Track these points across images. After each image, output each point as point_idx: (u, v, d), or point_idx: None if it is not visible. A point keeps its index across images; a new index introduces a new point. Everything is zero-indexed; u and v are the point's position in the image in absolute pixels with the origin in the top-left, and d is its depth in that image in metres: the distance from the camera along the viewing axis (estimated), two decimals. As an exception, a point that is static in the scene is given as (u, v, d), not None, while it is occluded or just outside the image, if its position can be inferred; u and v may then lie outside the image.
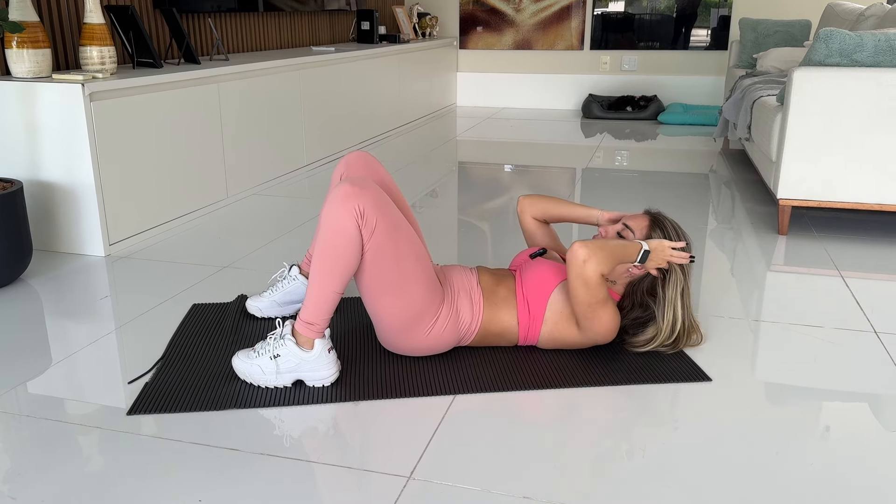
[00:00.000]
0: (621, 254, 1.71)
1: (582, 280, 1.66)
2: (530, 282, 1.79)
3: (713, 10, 5.79)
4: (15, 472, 1.37)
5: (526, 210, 2.05)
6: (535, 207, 2.03)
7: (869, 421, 1.55)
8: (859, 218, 3.06)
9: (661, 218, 1.85)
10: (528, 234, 2.07)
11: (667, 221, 1.84)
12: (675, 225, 1.84)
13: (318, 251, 1.60)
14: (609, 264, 1.67)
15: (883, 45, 2.58)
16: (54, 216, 2.56)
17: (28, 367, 1.78)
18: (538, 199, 2.03)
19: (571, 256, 1.66)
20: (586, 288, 1.66)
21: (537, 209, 2.03)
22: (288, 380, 1.66)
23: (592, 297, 1.68)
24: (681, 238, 1.82)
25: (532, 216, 2.04)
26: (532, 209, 2.04)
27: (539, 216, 2.04)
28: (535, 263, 1.84)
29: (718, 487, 1.33)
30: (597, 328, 1.73)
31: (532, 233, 2.06)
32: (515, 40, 6.21)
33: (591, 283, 1.66)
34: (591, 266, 1.64)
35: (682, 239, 1.82)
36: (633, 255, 1.73)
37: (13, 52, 2.47)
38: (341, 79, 4.23)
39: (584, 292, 1.67)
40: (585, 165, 4.04)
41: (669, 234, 1.81)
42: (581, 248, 1.65)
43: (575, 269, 1.66)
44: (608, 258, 1.67)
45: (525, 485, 1.34)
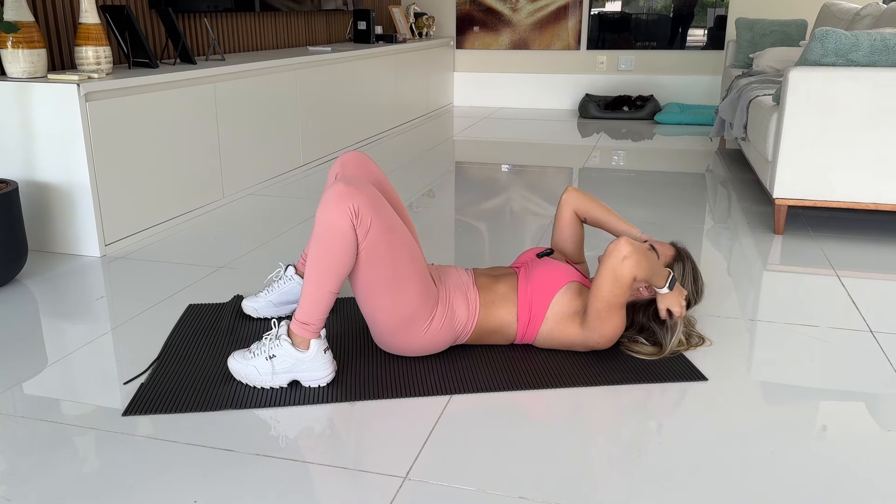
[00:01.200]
0: (656, 270, 1.73)
1: (614, 275, 1.66)
2: (537, 280, 1.79)
3: (710, 9, 5.79)
4: (10, 472, 1.37)
5: (570, 201, 2.02)
6: (580, 202, 2.01)
7: (865, 420, 1.55)
8: (855, 217, 3.07)
9: (687, 255, 1.89)
10: (560, 225, 2.04)
11: (689, 262, 1.88)
12: (696, 267, 1.88)
13: (313, 251, 1.60)
14: (644, 272, 1.69)
15: (878, 44, 2.58)
16: (50, 216, 2.55)
17: (23, 367, 1.77)
18: (585, 196, 2.02)
19: (614, 249, 1.67)
20: (615, 284, 1.67)
21: (582, 204, 2.01)
22: (284, 380, 1.65)
23: (616, 295, 1.69)
24: (698, 281, 1.87)
25: (574, 209, 2.02)
26: (577, 203, 2.02)
27: (581, 212, 2.02)
28: (543, 262, 1.84)
29: (715, 487, 1.33)
30: (603, 330, 1.73)
31: (565, 225, 2.03)
32: (512, 40, 6.21)
33: (622, 281, 1.67)
34: (629, 264, 1.65)
35: (700, 281, 1.87)
36: (662, 279, 1.75)
37: (8, 52, 2.46)
38: (338, 79, 4.22)
39: (610, 288, 1.68)
40: (582, 165, 4.04)
41: (688, 272, 1.86)
42: (626, 244, 1.66)
43: (612, 262, 1.66)
44: (646, 266, 1.68)
45: (521, 485, 1.34)
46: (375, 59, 4.72)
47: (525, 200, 3.32)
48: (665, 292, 1.76)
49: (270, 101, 3.55)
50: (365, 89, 4.60)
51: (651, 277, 1.72)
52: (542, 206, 3.23)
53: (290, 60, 3.70)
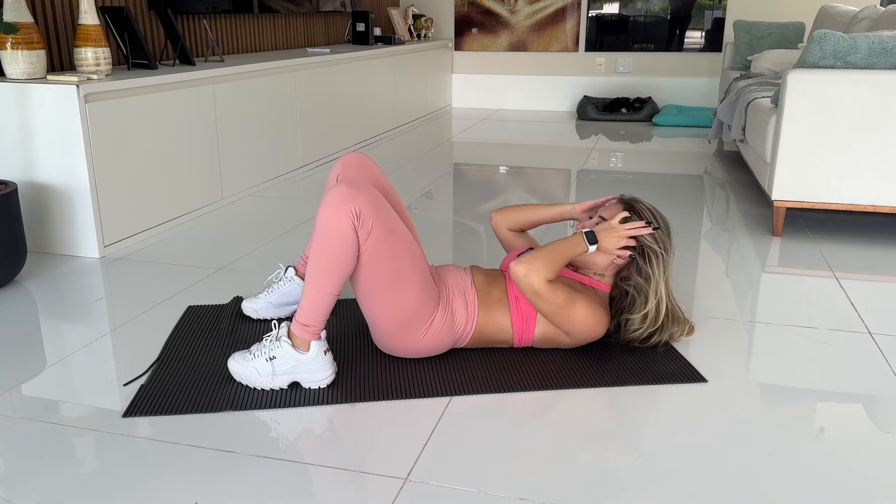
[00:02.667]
0: (565, 251, 1.71)
1: (533, 294, 1.67)
2: None
3: (707, 12, 5.80)
4: (10, 474, 1.37)
5: (500, 224, 2.06)
6: (507, 220, 2.05)
7: (863, 422, 1.56)
8: (853, 219, 3.08)
9: (636, 202, 1.83)
10: (506, 245, 2.10)
11: (641, 205, 1.82)
12: (651, 209, 1.82)
13: (314, 253, 1.60)
14: (552, 267, 1.68)
15: (876, 47, 2.59)
16: (49, 218, 2.55)
17: (23, 369, 1.77)
18: (509, 211, 2.05)
19: (513, 277, 1.68)
20: (540, 299, 1.68)
21: (510, 221, 2.05)
22: (284, 382, 1.65)
23: (551, 304, 1.69)
24: (656, 215, 1.80)
25: (507, 228, 2.06)
26: (505, 222, 2.05)
27: (514, 227, 2.05)
28: None
29: (713, 488, 1.33)
30: (577, 327, 1.73)
31: (510, 243, 2.09)
32: (510, 42, 6.22)
33: (542, 293, 1.67)
34: (533, 277, 1.66)
35: (658, 213, 1.81)
36: (580, 245, 1.72)
37: (7, 53, 2.46)
38: (337, 80, 4.22)
39: (542, 303, 1.69)
40: (580, 167, 4.05)
41: (645, 216, 1.80)
42: (516, 265, 1.67)
43: (522, 287, 1.68)
44: (549, 262, 1.67)
45: (522, 486, 1.34)
46: (374, 61, 4.73)
47: (523, 202, 3.32)
48: (594, 249, 1.74)
49: (269, 103, 3.56)
50: (364, 91, 4.60)
51: (568, 257, 1.70)
52: (541, 207, 3.23)
53: (289, 62, 3.70)
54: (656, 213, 1.82)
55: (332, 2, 4.95)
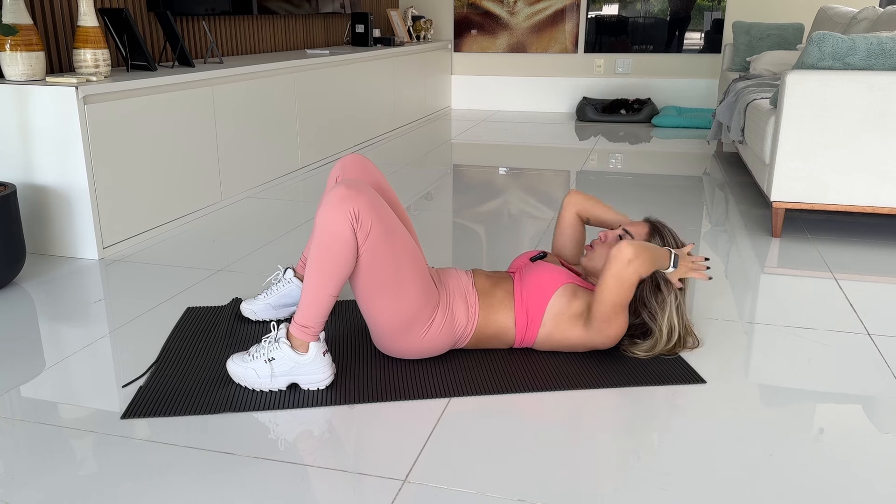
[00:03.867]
0: (658, 259, 1.73)
1: (619, 279, 1.67)
2: (531, 284, 1.79)
3: (706, 13, 5.81)
4: (8, 476, 1.37)
5: (573, 203, 2.04)
6: (582, 205, 2.03)
7: (862, 423, 1.56)
8: (852, 220, 3.08)
9: (661, 225, 1.88)
10: (562, 227, 2.06)
11: (666, 229, 1.87)
12: (673, 233, 1.87)
13: (313, 254, 1.60)
14: (648, 268, 1.70)
15: (875, 48, 2.59)
16: (48, 219, 2.55)
17: (21, 370, 1.77)
18: (587, 198, 2.04)
19: (617, 253, 1.67)
20: (620, 288, 1.68)
21: (584, 207, 2.03)
22: (283, 383, 1.65)
23: (621, 297, 1.69)
24: (678, 242, 1.86)
25: (577, 211, 2.04)
26: (579, 205, 2.04)
27: (583, 214, 2.04)
28: (537, 266, 1.84)
29: (713, 489, 1.33)
30: (608, 331, 1.74)
31: (567, 227, 2.05)
32: (510, 43, 6.22)
33: (627, 285, 1.68)
34: (633, 267, 1.66)
35: (679, 240, 1.86)
36: (666, 261, 1.75)
37: (6, 54, 2.46)
38: (336, 82, 4.23)
39: (615, 292, 1.68)
40: (580, 168, 4.05)
41: (669, 241, 1.85)
42: (628, 247, 1.66)
43: (616, 267, 1.66)
44: (649, 262, 1.69)
45: (521, 487, 1.34)
46: (373, 63, 4.73)
47: (523, 203, 3.33)
48: (672, 271, 1.77)
49: (268, 104, 3.56)
50: (363, 92, 4.60)
51: (658, 266, 1.73)
52: (540, 208, 3.23)
53: (288, 63, 3.70)
54: (678, 239, 1.87)
55: (332, 3, 4.95)
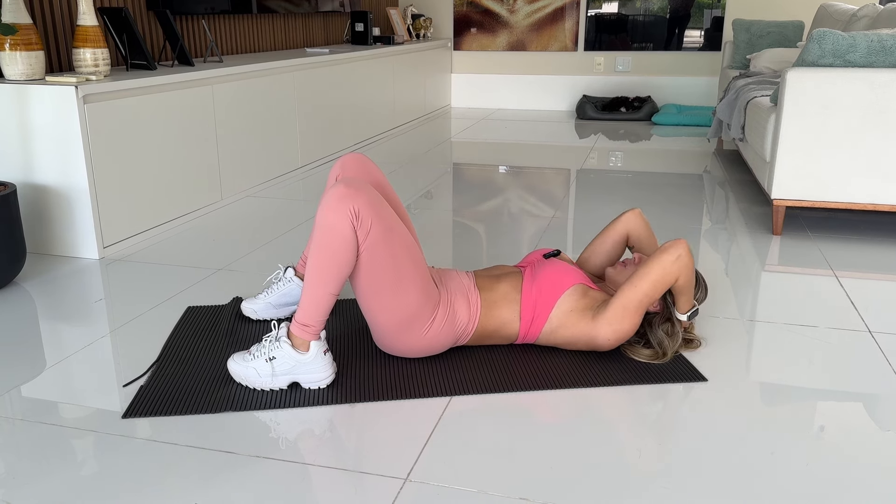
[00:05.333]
0: (686, 292, 1.77)
1: (663, 270, 1.70)
2: (544, 280, 1.79)
3: (706, 11, 5.80)
4: (9, 475, 1.37)
5: (630, 222, 2.00)
6: (639, 230, 1.99)
7: (864, 421, 1.56)
8: (853, 218, 3.08)
9: (699, 275, 1.89)
10: (607, 237, 2.01)
11: (701, 281, 1.88)
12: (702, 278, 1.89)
13: (314, 253, 1.59)
14: (686, 282, 1.74)
15: (875, 45, 2.59)
16: (48, 219, 2.55)
17: (22, 370, 1.77)
18: (645, 223, 2.00)
19: (671, 246, 1.71)
20: (657, 279, 1.70)
21: (638, 230, 1.99)
22: (283, 382, 1.65)
23: (654, 290, 1.71)
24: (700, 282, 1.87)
25: (630, 232, 2.00)
26: (636, 229, 1.99)
27: (633, 235, 1.99)
28: (550, 263, 1.84)
29: (714, 487, 1.33)
30: (620, 325, 1.74)
31: (612, 242, 2.01)
32: (509, 41, 6.22)
33: (666, 279, 1.70)
34: (678, 265, 1.70)
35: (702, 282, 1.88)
36: (688, 305, 1.80)
37: (6, 54, 2.46)
38: (336, 80, 4.22)
39: (652, 281, 1.70)
40: (580, 166, 4.05)
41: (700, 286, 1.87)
42: (685, 246, 1.71)
43: (667, 257, 1.70)
44: (688, 279, 1.74)
45: (522, 486, 1.34)
46: (373, 61, 4.72)
47: (523, 202, 3.32)
48: (683, 319, 1.81)
49: (268, 103, 3.55)
50: (363, 91, 4.60)
51: (684, 294, 1.77)
52: (540, 207, 3.23)
53: (288, 62, 3.70)
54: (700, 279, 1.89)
55: (331, 2, 4.95)
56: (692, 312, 1.81)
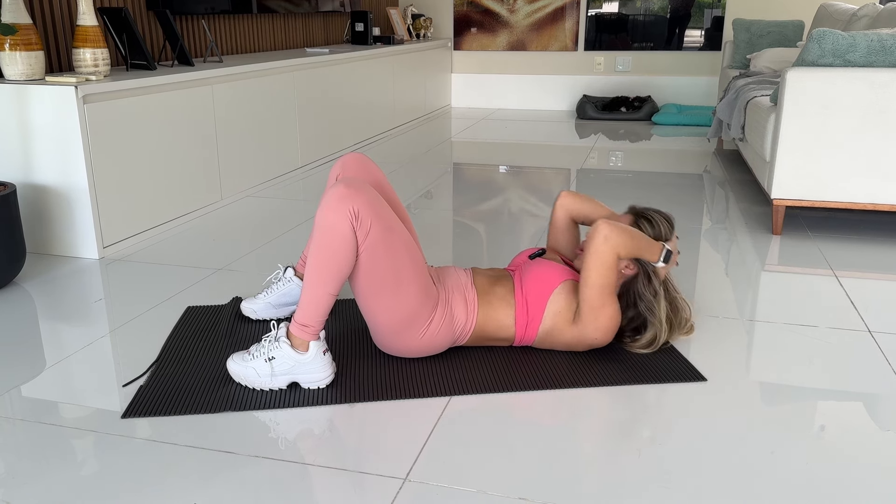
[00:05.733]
0: (643, 246, 1.75)
1: (599, 258, 1.69)
2: (531, 282, 1.79)
3: (707, 10, 5.80)
4: (9, 475, 1.37)
5: (565, 205, 2.02)
6: (575, 206, 2.02)
7: (864, 420, 1.56)
8: (853, 217, 3.07)
9: (647, 213, 1.87)
10: (555, 228, 2.04)
11: (653, 215, 1.86)
12: (663, 216, 1.86)
13: (313, 253, 1.59)
14: (627, 249, 1.71)
15: (875, 45, 2.59)
16: (48, 219, 2.55)
17: (22, 370, 1.77)
18: (580, 199, 2.02)
19: (593, 232, 1.70)
20: (599, 266, 1.69)
21: (576, 208, 2.01)
22: (283, 382, 1.65)
23: (605, 278, 1.70)
24: (673, 227, 1.86)
25: (569, 213, 2.02)
26: (572, 206, 2.02)
27: (575, 215, 2.02)
28: (535, 264, 1.84)
29: (714, 487, 1.33)
30: (599, 321, 1.73)
31: (560, 228, 2.04)
32: (510, 41, 6.22)
33: (606, 262, 1.69)
34: (610, 244, 1.68)
35: (672, 225, 1.86)
36: (655, 254, 1.77)
37: (6, 54, 2.46)
38: (336, 80, 4.22)
39: (595, 272, 1.69)
40: (580, 166, 4.05)
41: (660, 226, 1.84)
42: (605, 225, 1.69)
43: (594, 245, 1.69)
44: (629, 243, 1.71)
45: (521, 486, 1.34)
46: (373, 61, 4.72)
47: (523, 201, 3.32)
48: (661, 266, 1.78)
49: (268, 103, 3.55)
50: (363, 91, 4.60)
51: (640, 253, 1.74)
52: (540, 207, 3.23)
53: (288, 62, 3.70)
54: (668, 218, 1.86)
55: (331, 2, 4.95)
56: (664, 255, 1.78)
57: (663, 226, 1.84)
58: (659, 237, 1.83)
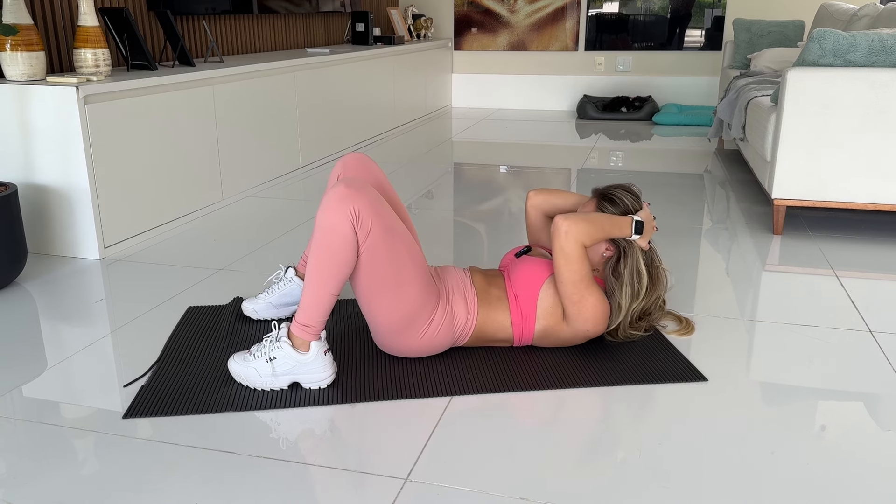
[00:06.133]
0: (608, 227, 1.73)
1: (564, 254, 1.68)
2: (518, 281, 1.79)
3: (707, 10, 5.80)
4: (10, 476, 1.37)
5: (537, 206, 2.04)
6: (544, 203, 2.02)
7: (864, 420, 1.56)
8: (853, 217, 3.07)
9: (608, 192, 1.83)
10: (531, 227, 2.08)
11: (614, 191, 1.83)
12: (624, 188, 1.83)
13: (314, 253, 1.60)
14: (592, 236, 1.70)
15: (876, 45, 2.59)
16: (49, 219, 2.55)
17: (23, 370, 1.77)
18: (548, 194, 2.02)
19: (553, 229, 1.70)
20: (567, 262, 1.69)
21: (547, 204, 2.03)
22: (284, 382, 1.66)
23: (575, 272, 1.69)
24: (638, 196, 1.82)
25: (542, 211, 2.04)
26: (542, 204, 2.03)
27: (546, 211, 2.03)
28: (521, 262, 1.84)
29: (714, 487, 1.33)
30: (584, 314, 1.73)
31: (537, 227, 2.06)
32: (510, 41, 6.22)
33: (572, 257, 1.68)
34: (572, 237, 1.68)
35: (637, 195, 1.83)
36: (625, 229, 1.75)
37: (7, 54, 2.46)
38: (336, 80, 4.22)
39: (566, 268, 1.69)
40: (580, 166, 4.05)
41: (623, 200, 1.81)
42: (562, 220, 1.69)
43: (557, 242, 1.69)
44: (591, 230, 1.70)
45: (522, 485, 1.34)
46: (374, 61, 4.73)
47: (523, 202, 3.32)
48: (637, 238, 1.77)
49: (269, 103, 3.56)
50: (363, 91, 4.60)
51: (608, 234, 1.73)
52: (541, 207, 3.23)
53: (289, 62, 3.70)
54: (631, 190, 1.83)
55: (332, 2, 4.95)
56: (635, 226, 1.75)
57: (627, 199, 1.81)
58: (627, 211, 1.80)
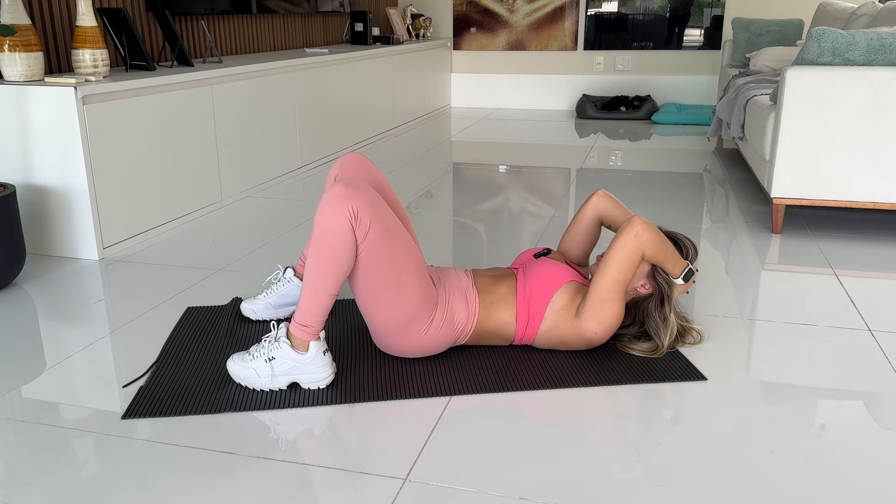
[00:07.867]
0: (669, 255, 1.76)
1: (625, 250, 1.70)
2: (535, 279, 1.79)
3: (706, 9, 5.80)
4: (9, 476, 1.37)
5: (597, 205, 1.97)
6: (608, 209, 1.96)
7: (864, 419, 1.56)
8: (853, 216, 3.07)
9: (674, 235, 1.88)
10: (579, 225, 2.00)
11: (681, 238, 1.87)
12: (690, 241, 1.87)
13: (312, 253, 1.59)
14: (654, 251, 1.72)
15: (875, 43, 2.59)
16: (48, 220, 2.55)
17: (22, 371, 1.77)
18: (612, 202, 1.96)
19: (627, 225, 1.72)
20: (624, 259, 1.70)
21: (607, 210, 1.96)
22: (283, 382, 1.65)
23: (622, 272, 1.70)
24: (697, 254, 1.87)
25: (600, 214, 1.97)
26: (605, 209, 1.97)
27: (604, 217, 1.97)
28: (540, 263, 1.84)
29: (714, 486, 1.33)
30: (602, 316, 1.73)
31: (585, 227, 2.00)
32: (509, 41, 6.22)
33: (629, 258, 1.70)
34: (640, 241, 1.70)
35: (696, 252, 1.87)
36: (678, 268, 1.78)
37: (5, 55, 2.46)
38: (335, 80, 4.22)
39: (615, 264, 1.70)
40: (580, 166, 4.05)
41: (687, 249, 1.85)
42: (639, 221, 1.72)
43: (624, 237, 1.70)
44: (657, 246, 1.72)
45: (522, 485, 1.34)
46: (373, 61, 4.72)
47: (523, 201, 3.32)
48: (680, 283, 1.79)
49: (268, 104, 3.55)
50: (362, 91, 4.60)
51: (663, 262, 1.75)
52: (540, 206, 3.23)
53: (288, 62, 3.70)
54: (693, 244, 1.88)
55: (331, 2, 4.95)
56: (686, 273, 1.79)
57: (691, 249, 1.86)
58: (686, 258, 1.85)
